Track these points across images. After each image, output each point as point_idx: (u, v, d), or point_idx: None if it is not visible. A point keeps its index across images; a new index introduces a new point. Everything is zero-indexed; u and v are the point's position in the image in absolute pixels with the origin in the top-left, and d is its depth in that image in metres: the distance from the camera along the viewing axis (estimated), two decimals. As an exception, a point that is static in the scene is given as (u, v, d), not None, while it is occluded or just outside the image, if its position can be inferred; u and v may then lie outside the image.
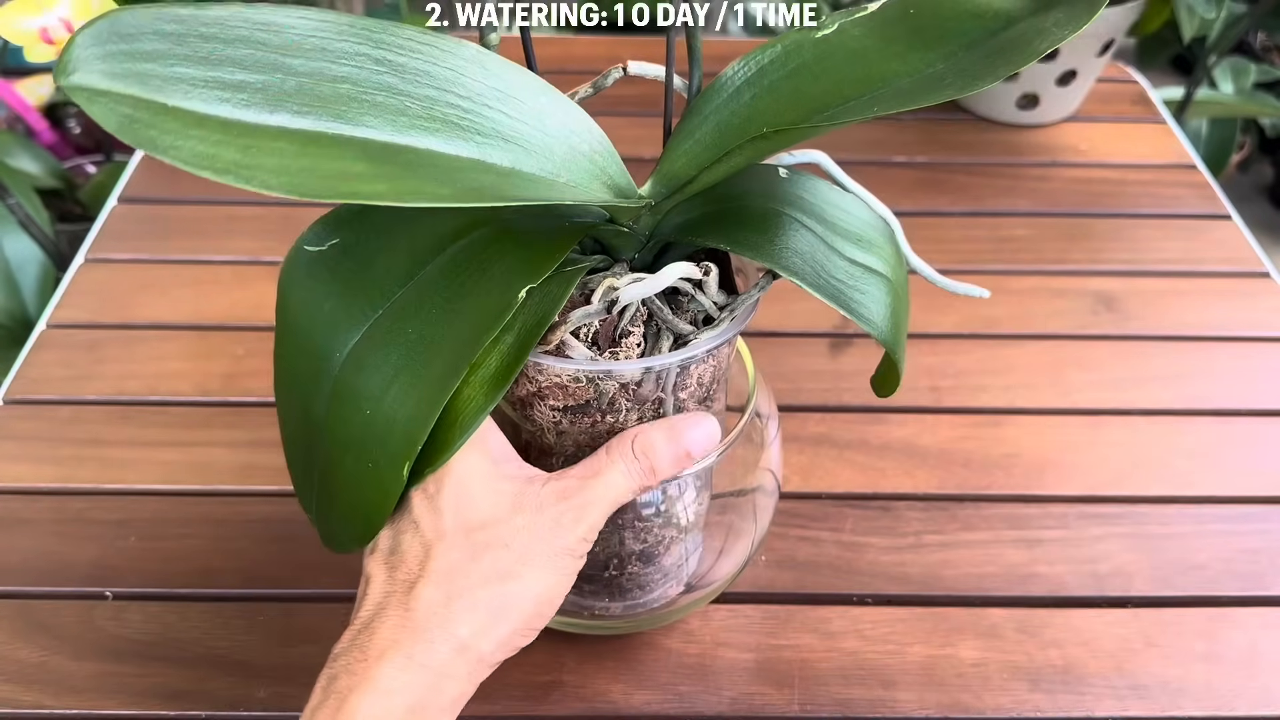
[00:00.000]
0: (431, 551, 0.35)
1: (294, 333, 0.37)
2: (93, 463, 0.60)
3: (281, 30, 0.32)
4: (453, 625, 0.34)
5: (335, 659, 0.35)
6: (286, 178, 0.29)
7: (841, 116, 0.34)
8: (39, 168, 1.11)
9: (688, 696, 0.49)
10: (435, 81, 0.34)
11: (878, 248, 0.39)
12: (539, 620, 0.37)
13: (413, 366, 0.34)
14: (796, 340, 0.68)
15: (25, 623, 0.52)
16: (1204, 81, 1.15)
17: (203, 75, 0.30)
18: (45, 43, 0.66)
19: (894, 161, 0.84)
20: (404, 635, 0.34)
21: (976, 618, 0.53)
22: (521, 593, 0.35)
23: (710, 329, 0.38)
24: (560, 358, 0.37)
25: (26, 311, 0.94)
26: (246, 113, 0.30)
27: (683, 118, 0.39)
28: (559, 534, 0.36)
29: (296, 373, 0.37)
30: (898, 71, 0.35)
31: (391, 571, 0.36)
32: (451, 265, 0.36)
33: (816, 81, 0.37)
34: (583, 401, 0.38)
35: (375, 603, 0.35)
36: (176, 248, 0.74)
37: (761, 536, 0.49)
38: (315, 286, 0.37)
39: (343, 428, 0.35)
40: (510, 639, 0.36)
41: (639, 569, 0.45)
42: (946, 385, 0.65)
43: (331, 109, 0.32)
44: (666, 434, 0.38)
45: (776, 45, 0.38)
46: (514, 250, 0.36)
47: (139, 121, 0.28)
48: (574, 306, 0.37)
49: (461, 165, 0.33)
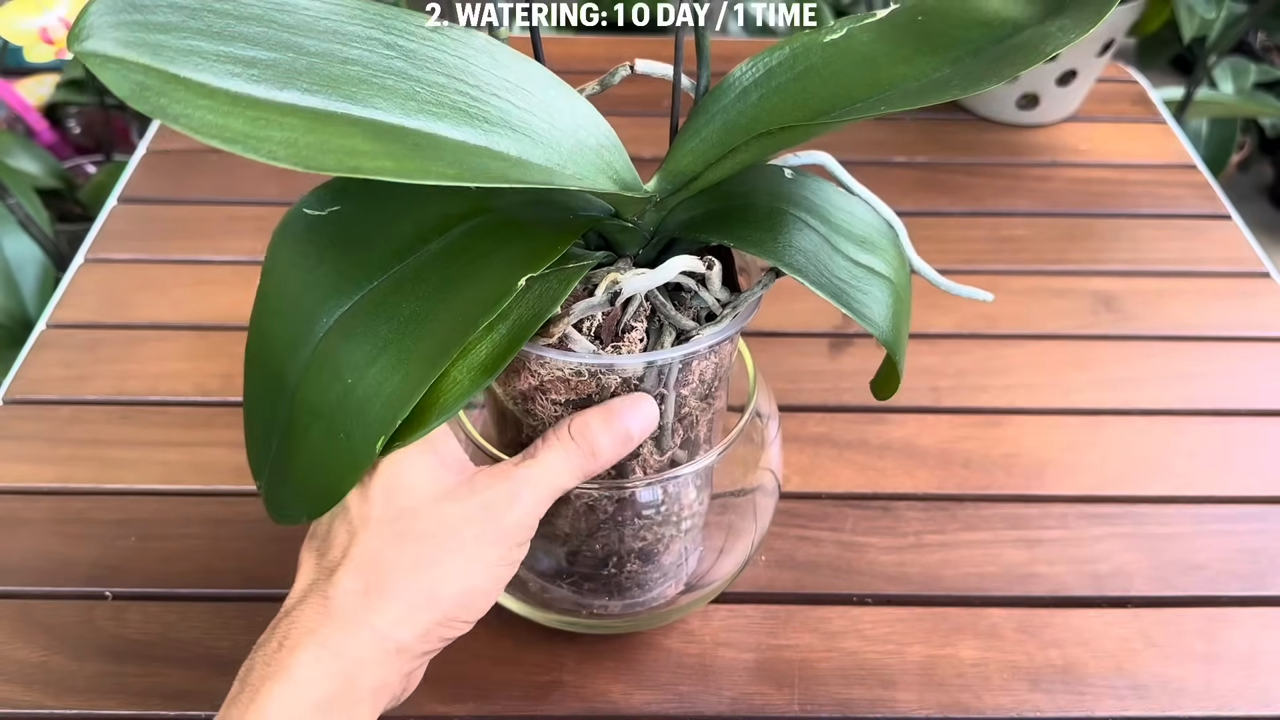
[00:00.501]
0: (355, 538, 0.34)
1: (279, 292, 0.37)
2: (92, 463, 0.60)
3: (295, 10, 0.32)
4: (370, 614, 0.33)
5: (256, 649, 0.34)
6: (293, 150, 0.29)
7: (847, 116, 0.34)
8: (39, 168, 1.11)
9: (688, 696, 0.49)
10: (445, 69, 0.34)
11: (881, 250, 0.39)
12: (465, 612, 0.35)
13: (401, 341, 0.34)
14: (797, 340, 0.68)
15: (25, 623, 0.52)
16: (1204, 81, 1.15)
17: (215, 49, 0.31)
18: (45, 43, 0.66)
19: (894, 161, 0.84)
20: (321, 624, 0.33)
21: (976, 618, 0.53)
22: (444, 582, 0.34)
23: (713, 325, 0.38)
24: (563, 351, 0.37)
25: (26, 311, 0.94)
26: (257, 88, 0.31)
27: (690, 116, 0.39)
28: (489, 521, 0.35)
29: (275, 332, 0.37)
30: (905, 76, 0.36)
31: (319, 559, 0.35)
32: (452, 248, 0.36)
33: (824, 84, 0.37)
34: (584, 395, 0.38)
35: (300, 590, 0.35)
36: (176, 248, 0.74)
37: (761, 536, 0.49)
38: (309, 249, 0.37)
39: (318, 395, 0.35)
40: (434, 630, 0.34)
41: (638, 567, 0.45)
42: (946, 385, 0.65)
43: (342, 89, 0.32)
44: (603, 415, 0.37)
45: (784, 48, 0.38)
46: (517, 239, 0.36)
47: (150, 89, 0.29)
48: (576, 300, 0.37)
49: (469, 150, 0.33)
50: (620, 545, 0.44)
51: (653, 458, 0.41)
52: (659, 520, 0.44)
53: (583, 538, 0.44)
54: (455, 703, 0.49)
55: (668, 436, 0.41)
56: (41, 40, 0.67)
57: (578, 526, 0.43)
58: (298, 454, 0.36)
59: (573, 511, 0.43)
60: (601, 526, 0.43)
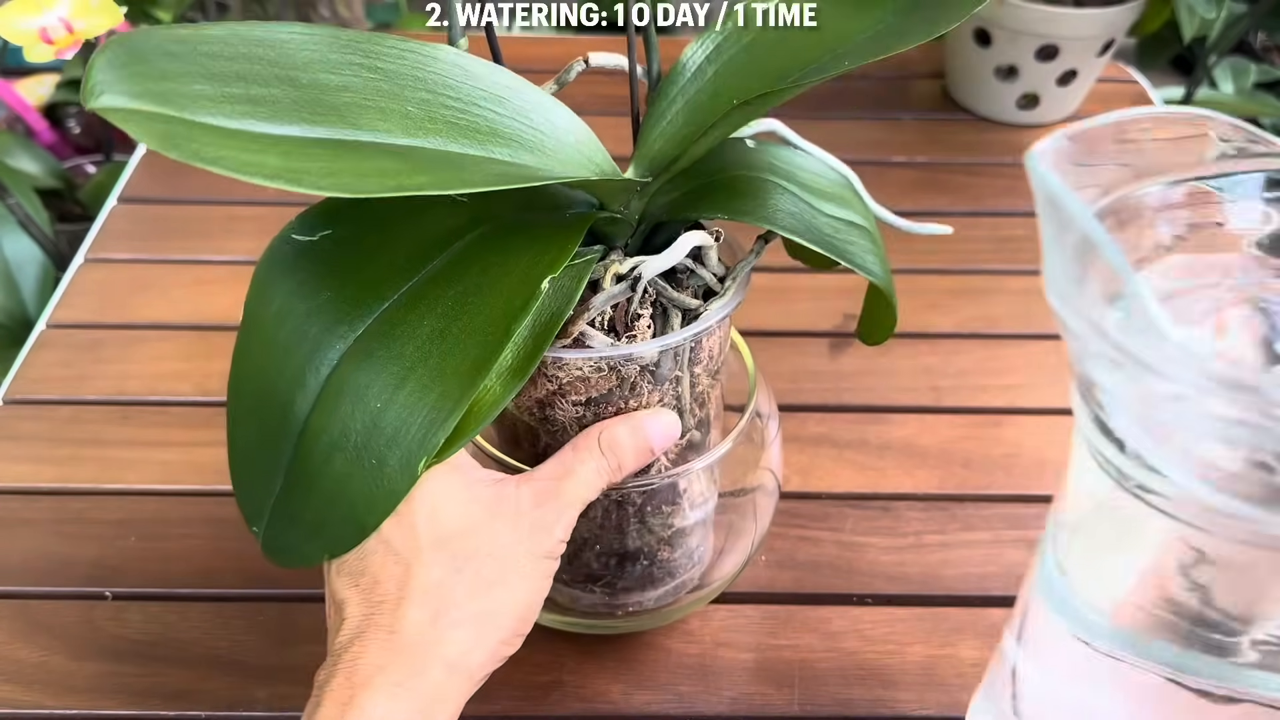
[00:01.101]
0: (411, 570, 0.34)
1: (278, 324, 0.36)
2: (92, 463, 0.60)
3: (275, 44, 0.33)
4: (441, 646, 0.33)
5: (320, 688, 0.33)
6: (335, 179, 0.30)
7: (812, 77, 0.35)
8: (39, 168, 1.11)
9: (688, 697, 0.49)
10: (427, 85, 0.35)
11: (849, 202, 0.41)
12: (524, 626, 0.36)
13: (429, 360, 0.34)
14: (796, 340, 0.68)
15: (25, 623, 0.52)
16: (1204, 81, 1.15)
17: (218, 91, 0.31)
18: (45, 42, 0.66)
19: (894, 161, 0.84)
20: (390, 660, 0.33)
21: (977, 617, 0.53)
22: (508, 600, 0.35)
23: (718, 299, 0.39)
24: (582, 349, 0.37)
25: (26, 311, 0.94)
26: (268, 125, 0.31)
27: (650, 102, 0.40)
28: (539, 538, 0.35)
29: (274, 368, 0.36)
30: (852, 31, 0.37)
31: (366, 594, 0.34)
32: (460, 260, 0.36)
33: (774, 50, 0.38)
34: (605, 391, 0.38)
35: (354, 627, 0.34)
36: (176, 248, 0.74)
37: (761, 536, 0.49)
38: (306, 277, 0.36)
39: (338, 425, 0.34)
40: (498, 649, 0.35)
41: (668, 554, 0.45)
42: (947, 385, 0.65)
43: (344, 117, 0.33)
44: (630, 428, 0.38)
45: (728, 22, 0.39)
46: (524, 244, 0.36)
47: (178, 136, 0.29)
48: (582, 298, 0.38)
49: (474, 160, 0.34)
50: (649, 536, 0.44)
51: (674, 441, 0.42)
52: (684, 507, 0.44)
53: (610, 535, 0.44)
54: (455, 703, 0.49)
55: (687, 416, 0.41)
56: (41, 40, 0.67)
57: (606, 524, 0.43)
58: (314, 490, 0.35)
59: (601, 511, 0.43)
60: (606, 524, 0.43)
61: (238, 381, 0.37)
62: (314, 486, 0.35)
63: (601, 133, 0.38)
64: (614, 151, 0.38)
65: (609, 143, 0.38)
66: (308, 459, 0.35)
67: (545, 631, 0.50)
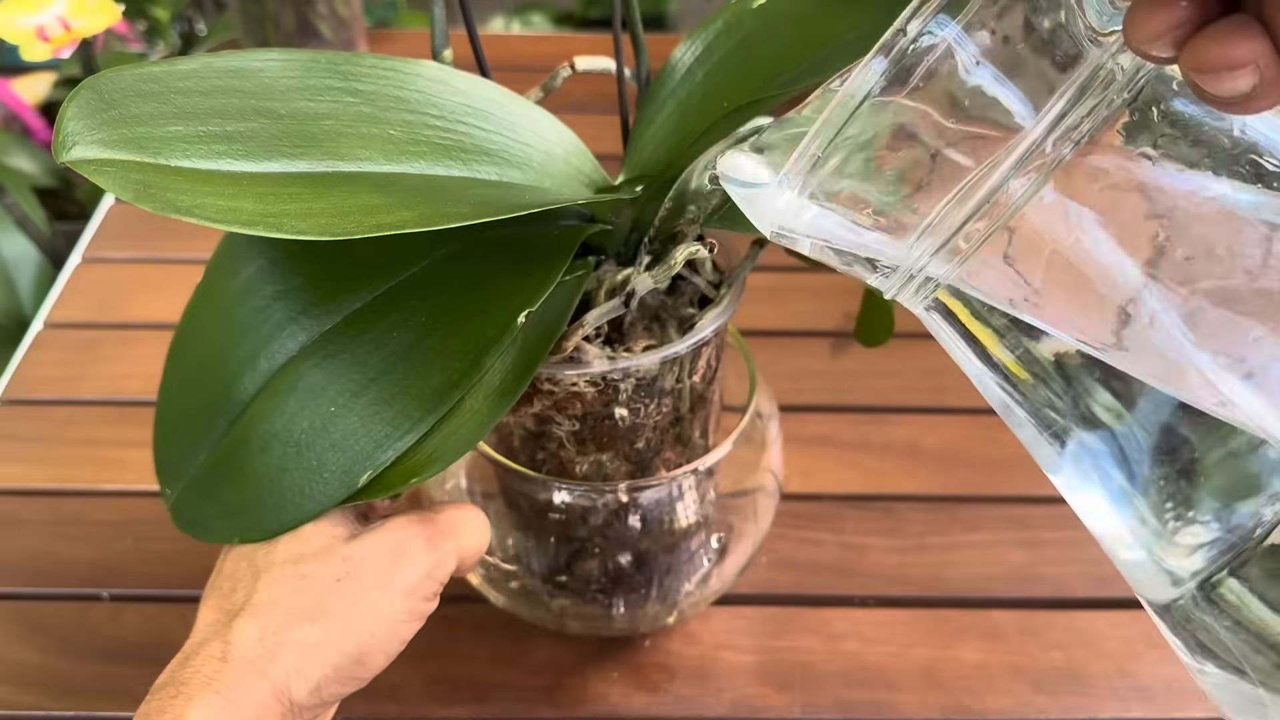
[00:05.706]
0: (258, 581, 0.32)
1: (239, 298, 0.35)
2: (89, 463, 0.59)
3: (252, 74, 0.32)
4: (268, 664, 0.31)
5: (152, 694, 0.31)
6: (312, 221, 0.28)
7: (804, 78, 0.35)
8: (36, 166, 1.10)
9: (688, 699, 0.49)
10: (409, 105, 0.34)
11: None
12: (360, 670, 0.32)
13: (393, 375, 0.33)
14: (797, 340, 0.68)
15: (22, 624, 0.52)
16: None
17: (193, 130, 0.30)
18: (42, 40, 0.66)
19: (895, 160, 0.83)
20: (219, 674, 0.31)
21: (979, 619, 0.53)
22: (340, 635, 0.32)
23: (714, 306, 0.38)
24: (578, 365, 0.36)
25: (22, 310, 0.93)
26: (245, 164, 0.30)
27: (640, 106, 0.39)
28: (399, 568, 0.32)
29: (225, 340, 0.35)
30: (841, 29, 0.36)
31: (223, 600, 0.33)
32: (439, 273, 0.35)
33: (765, 49, 0.37)
34: (601, 406, 0.38)
35: (201, 634, 0.32)
36: (173, 247, 0.74)
37: (762, 538, 0.49)
38: (280, 258, 0.35)
39: (283, 417, 0.33)
40: (325, 686, 0.32)
41: (639, 568, 0.45)
42: (949, 386, 0.65)
43: (324, 147, 0.31)
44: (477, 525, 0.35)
45: (717, 21, 0.39)
46: (506, 264, 0.35)
47: (153, 186, 0.28)
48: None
49: (459, 184, 0.33)
50: (649, 539, 0.44)
51: (673, 451, 0.41)
52: (684, 509, 0.44)
53: (610, 538, 0.44)
54: (453, 705, 0.49)
55: (686, 427, 0.41)
56: (38, 38, 0.67)
57: (606, 527, 0.43)
58: (242, 474, 0.34)
59: (601, 514, 0.42)
60: (607, 525, 0.43)
61: (185, 339, 0.36)
62: (243, 469, 0.34)
63: (597, 130, 0.38)
64: (610, 149, 0.38)
65: (604, 140, 0.38)
66: (243, 441, 0.34)
67: (544, 633, 0.50)
